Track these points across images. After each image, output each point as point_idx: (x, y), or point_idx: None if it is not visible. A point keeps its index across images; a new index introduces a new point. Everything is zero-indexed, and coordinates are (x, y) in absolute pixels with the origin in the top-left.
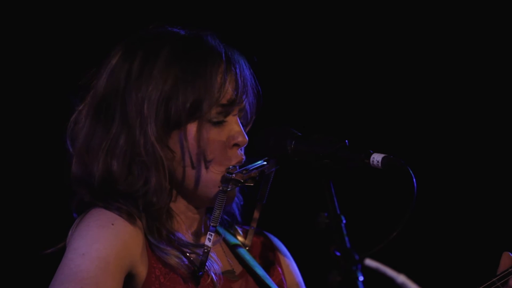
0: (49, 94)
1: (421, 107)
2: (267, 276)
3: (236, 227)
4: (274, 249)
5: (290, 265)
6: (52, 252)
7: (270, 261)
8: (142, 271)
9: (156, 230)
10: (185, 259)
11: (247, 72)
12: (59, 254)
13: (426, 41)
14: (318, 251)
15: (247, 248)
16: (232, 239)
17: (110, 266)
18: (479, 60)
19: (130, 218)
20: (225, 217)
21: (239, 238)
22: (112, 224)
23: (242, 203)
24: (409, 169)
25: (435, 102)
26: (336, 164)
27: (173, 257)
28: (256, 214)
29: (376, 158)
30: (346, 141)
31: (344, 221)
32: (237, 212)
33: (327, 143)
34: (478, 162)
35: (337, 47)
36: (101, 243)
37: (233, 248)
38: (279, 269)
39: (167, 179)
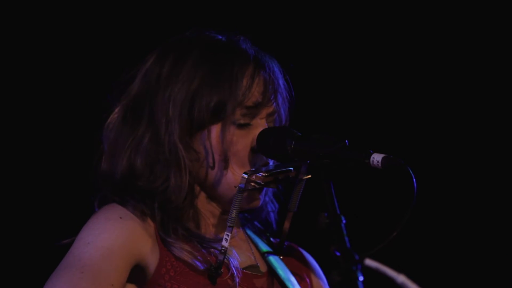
0: (80, 94)
1: (421, 107)
2: (295, 282)
3: (268, 235)
4: (305, 263)
5: (320, 281)
6: (67, 243)
7: (299, 272)
8: (151, 264)
9: (171, 228)
10: (199, 256)
11: (278, 76)
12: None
13: (426, 41)
14: (318, 251)
15: (280, 256)
16: (264, 246)
17: (114, 256)
18: (479, 60)
19: (142, 215)
20: (257, 224)
21: (270, 246)
22: (120, 217)
23: (277, 210)
24: (409, 169)
25: (435, 102)
26: (336, 164)
27: (187, 253)
28: (286, 224)
29: (376, 158)
30: (346, 141)
31: (344, 221)
32: (273, 220)
33: (327, 143)
34: (478, 162)
35: (337, 47)
36: (107, 233)
37: (263, 255)
38: (308, 280)
39: (187, 178)
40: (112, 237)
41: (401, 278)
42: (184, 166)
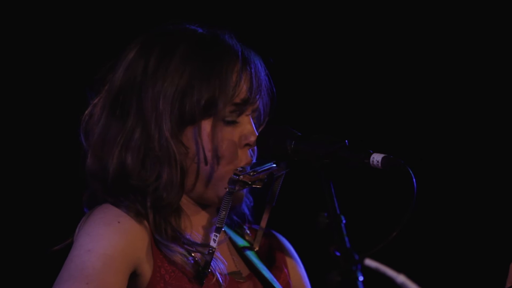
0: (60, 90)
1: (421, 107)
2: (274, 280)
3: (245, 228)
4: (282, 250)
5: (297, 266)
6: (60, 248)
7: (277, 263)
8: (147, 269)
9: (163, 228)
10: (190, 258)
11: (262, 73)
12: (67, 251)
13: (426, 41)
14: (318, 251)
15: (255, 249)
16: (239, 241)
17: (116, 263)
18: (479, 60)
19: (137, 216)
20: (235, 217)
21: (247, 239)
22: (118, 222)
23: (252, 204)
24: (409, 169)
25: (435, 102)
26: (336, 164)
27: (178, 255)
28: (265, 216)
29: (376, 158)
30: (346, 141)
31: (344, 221)
32: (247, 213)
33: (327, 143)
34: (478, 162)
35: (337, 47)
36: (107, 240)
37: (240, 250)
38: (286, 270)
39: (179, 175)
40: (113, 244)
41: (401, 278)
42: (175, 162)
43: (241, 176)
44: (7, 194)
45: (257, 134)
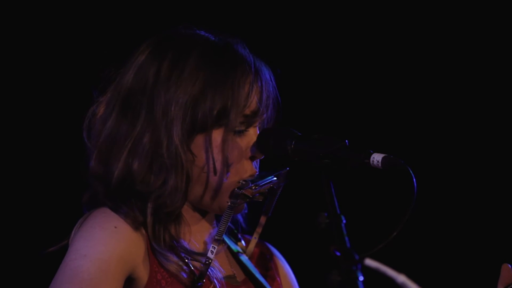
0: (59, 89)
1: (421, 107)
2: (268, 285)
3: (239, 235)
4: (274, 259)
5: (288, 276)
6: (55, 250)
7: (269, 271)
8: (143, 275)
9: (162, 236)
10: (185, 267)
11: (271, 85)
12: (62, 252)
13: (426, 41)
14: (318, 251)
15: (248, 257)
16: (234, 247)
17: (111, 268)
18: (479, 60)
19: (134, 223)
20: (229, 224)
21: (241, 246)
22: (115, 227)
23: (246, 211)
24: (409, 169)
25: (435, 102)
26: (336, 164)
27: (174, 264)
28: (260, 226)
29: (376, 158)
30: (346, 141)
31: (344, 221)
32: (241, 220)
33: (327, 143)
34: (478, 162)
35: (337, 47)
36: (103, 245)
37: (235, 255)
38: (278, 279)
39: (184, 182)
40: (109, 249)
41: (401, 278)
42: (182, 169)
43: (244, 190)
44: (4, 194)
45: None
